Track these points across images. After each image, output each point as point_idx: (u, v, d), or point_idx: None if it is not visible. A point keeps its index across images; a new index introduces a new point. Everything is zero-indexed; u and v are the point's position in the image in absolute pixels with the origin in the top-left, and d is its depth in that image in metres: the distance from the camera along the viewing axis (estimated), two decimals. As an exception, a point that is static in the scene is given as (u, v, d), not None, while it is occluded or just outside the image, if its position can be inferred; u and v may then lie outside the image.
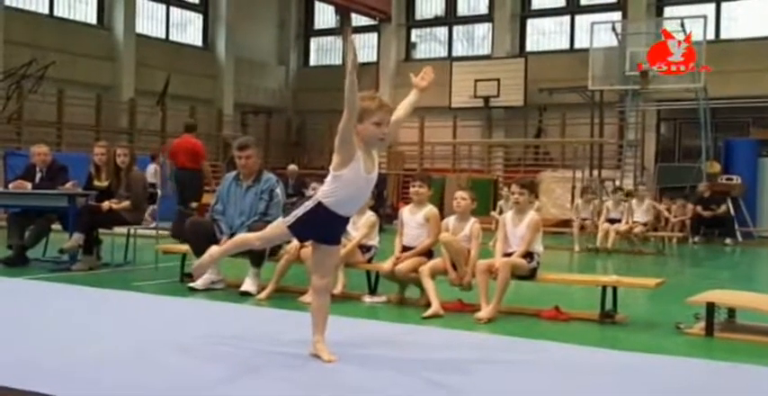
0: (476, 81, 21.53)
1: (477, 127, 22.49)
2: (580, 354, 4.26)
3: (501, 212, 13.05)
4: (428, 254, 6.17)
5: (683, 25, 16.11)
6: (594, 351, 4.37)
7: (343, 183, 3.78)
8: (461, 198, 6.04)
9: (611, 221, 12.25)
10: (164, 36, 22.14)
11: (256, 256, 6.46)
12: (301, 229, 3.87)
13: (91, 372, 3.45)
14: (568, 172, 18.17)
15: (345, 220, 3.96)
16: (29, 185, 8.34)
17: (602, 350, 4.43)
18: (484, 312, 5.44)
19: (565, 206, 17.61)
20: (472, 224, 5.98)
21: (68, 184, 8.22)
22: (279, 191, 6.72)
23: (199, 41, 23.17)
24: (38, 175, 8.51)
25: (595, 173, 18.58)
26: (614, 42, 17.31)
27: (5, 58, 17.06)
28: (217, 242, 6.58)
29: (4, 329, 4.33)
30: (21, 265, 7.95)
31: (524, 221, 5.76)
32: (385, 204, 15.53)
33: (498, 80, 21.29)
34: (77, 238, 7.72)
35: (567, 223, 15.43)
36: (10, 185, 8.54)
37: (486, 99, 21.52)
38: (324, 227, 3.86)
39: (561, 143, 20.75)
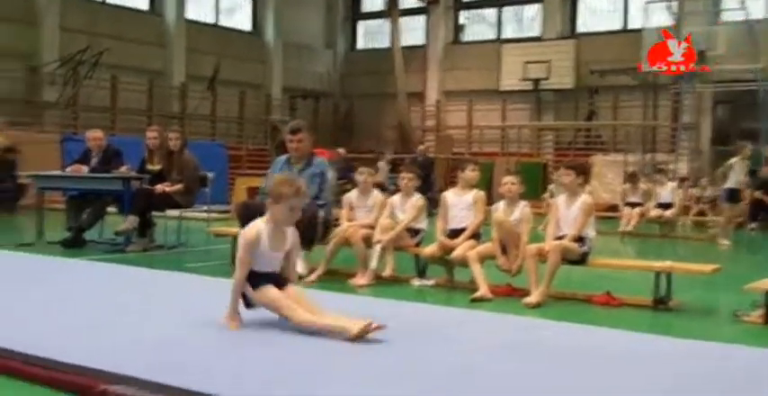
0: (525, 63, 21.31)
1: (527, 110, 22.29)
2: (633, 340, 4.20)
3: (552, 196, 12.95)
4: (476, 237, 6.16)
5: (743, 3, 15.72)
6: (647, 337, 4.30)
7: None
8: (511, 183, 5.99)
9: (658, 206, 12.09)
10: (213, 21, 22.30)
11: (306, 239, 6.51)
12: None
13: (145, 351, 3.52)
14: (620, 156, 17.93)
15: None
16: (85, 169, 8.51)
17: (656, 336, 4.36)
18: (533, 297, 5.41)
19: (617, 190, 17.34)
20: (522, 208, 5.94)
21: (123, 168, 8.36)
22: (330, 174, 6.77)
23: (247, 26, 23.31)
24: (93, 160, 8.67)
25: (648, 156, 18.30)
26: (669, 22, 16.96)
27: (62, 45, 17.36)
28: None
29: (63, 308, 4.44)
30: (78, 247, 8.13)
31: (576, 204, 5.71)
32: (433, 188, 15.45)
33: (548, 62, 21.05)
34: (132, 220, 7.86)
35: (618, 208, 15.24)
36: (67, 169, 8.72)
37: (536, 81, 21.30)
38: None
39: (613, 126, 20.46)
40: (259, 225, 4.17)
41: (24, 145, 13.96)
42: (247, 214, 6.80)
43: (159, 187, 8.07)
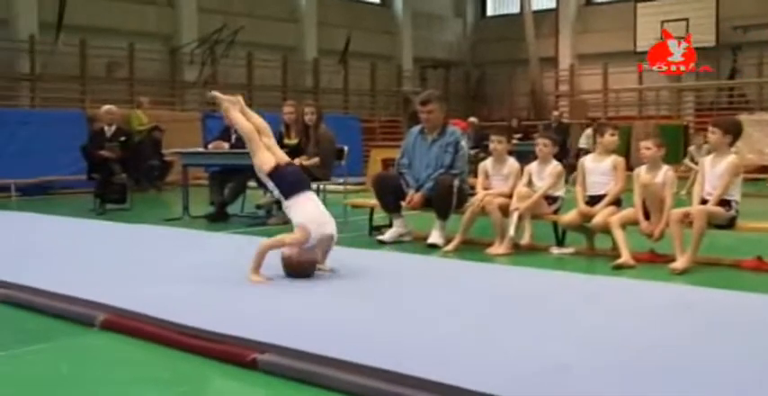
0: (662, 22, 20.42)
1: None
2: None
3: (692, 159, 12.46)
4: (617, 203, 6.00)
5: None
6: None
7: None
8: (645, 148, 5.79)
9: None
10: (342, -6, 22.49)
11: (442, 209, 6.53)
12: None
13: (293, 320, 3.63)
14: (767, 115, 16.98)
15: None
16: (226, 145, 8.79)
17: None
18: (679, 262, 5.24)
19: (764, 151, 16.54)
20: (665, 172, 5.73)
21: (261, 143, 8.57)
22: (464, 143, 6.74)
23: (376, -2, 23.39)
24: (233, 136, 8.94)
25: (799, 115, 17.29)
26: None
27: (200, 25, 17.94)
28: (404, 196, 6.73)
29: (211, 279, 4.63)
30: (222, 221, 8.45)
31: (722, 164, 5.47)
32: (569, 155, 15.15)
33: (687, 20, 20.09)
34: (271, 194, 8.08)
35: (765, 169, 14.54)
36: (209, 146, 9.04)
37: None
38: None
39: (759, 84, 19.37)
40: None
41: (167, 123, 14.62)
42: (383, 186, 6.93)
43: (296, 161, 8.24)
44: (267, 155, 4.93)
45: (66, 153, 12.28)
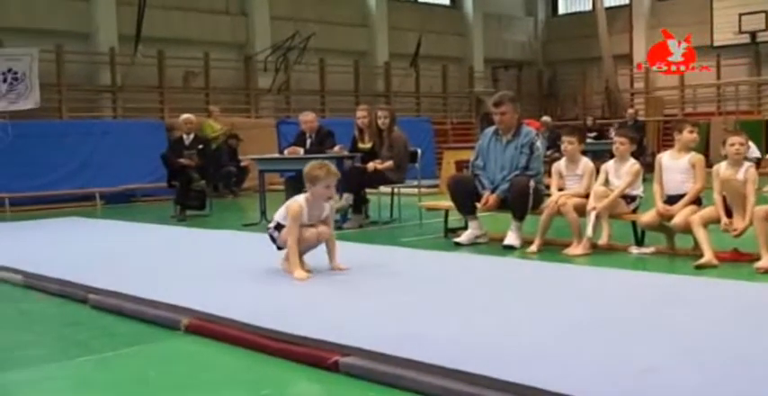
0: (740, 15, 19.85)
1: (744, 65, 20.80)
2: None
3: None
4: (697, 201, 5.88)
5: None
6: None
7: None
8: (739, 143, 5.64)
9: None
10: (413, -2, 22.52)
11: (519, 210, 6.50)
12: None
13: (364, 323, 3.67)
14: None
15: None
16: (301, 151, 8.92)
17: None
18: (764, 261, 5.10)
19: None
20: (747, 168, 5.59)
21: (336, 148, 8.67)
22: (539, 144, 6.71)
23: (446, 0, 23.33)
24: (308, 141, 9.07)
25: None
26: None
27: (273, 33, 18.22)
28: (479, 198, 6.72)
29: (293, 284, 4.71)
30: (300, 225, 8.54)
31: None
32: (646, 153, 14.86)
33: (765, 12, 19.50)
34: (347, 197, 8.17)
35: None
36: (285, 152, 9.17)
37: (753, 34, 19.80)
38: None
39: None
40: (301, 201, 4.98)
41: (243, 130, 14.89)
42: (458, 187, 6.93)
43: (371, 165, 8.32)
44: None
45: (147, 162, 12.62)
